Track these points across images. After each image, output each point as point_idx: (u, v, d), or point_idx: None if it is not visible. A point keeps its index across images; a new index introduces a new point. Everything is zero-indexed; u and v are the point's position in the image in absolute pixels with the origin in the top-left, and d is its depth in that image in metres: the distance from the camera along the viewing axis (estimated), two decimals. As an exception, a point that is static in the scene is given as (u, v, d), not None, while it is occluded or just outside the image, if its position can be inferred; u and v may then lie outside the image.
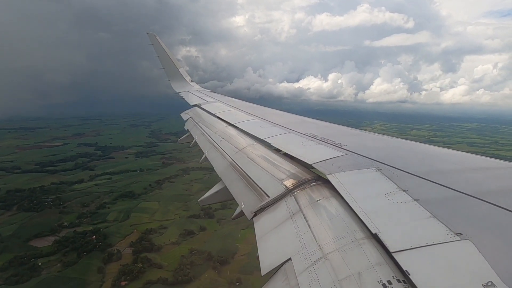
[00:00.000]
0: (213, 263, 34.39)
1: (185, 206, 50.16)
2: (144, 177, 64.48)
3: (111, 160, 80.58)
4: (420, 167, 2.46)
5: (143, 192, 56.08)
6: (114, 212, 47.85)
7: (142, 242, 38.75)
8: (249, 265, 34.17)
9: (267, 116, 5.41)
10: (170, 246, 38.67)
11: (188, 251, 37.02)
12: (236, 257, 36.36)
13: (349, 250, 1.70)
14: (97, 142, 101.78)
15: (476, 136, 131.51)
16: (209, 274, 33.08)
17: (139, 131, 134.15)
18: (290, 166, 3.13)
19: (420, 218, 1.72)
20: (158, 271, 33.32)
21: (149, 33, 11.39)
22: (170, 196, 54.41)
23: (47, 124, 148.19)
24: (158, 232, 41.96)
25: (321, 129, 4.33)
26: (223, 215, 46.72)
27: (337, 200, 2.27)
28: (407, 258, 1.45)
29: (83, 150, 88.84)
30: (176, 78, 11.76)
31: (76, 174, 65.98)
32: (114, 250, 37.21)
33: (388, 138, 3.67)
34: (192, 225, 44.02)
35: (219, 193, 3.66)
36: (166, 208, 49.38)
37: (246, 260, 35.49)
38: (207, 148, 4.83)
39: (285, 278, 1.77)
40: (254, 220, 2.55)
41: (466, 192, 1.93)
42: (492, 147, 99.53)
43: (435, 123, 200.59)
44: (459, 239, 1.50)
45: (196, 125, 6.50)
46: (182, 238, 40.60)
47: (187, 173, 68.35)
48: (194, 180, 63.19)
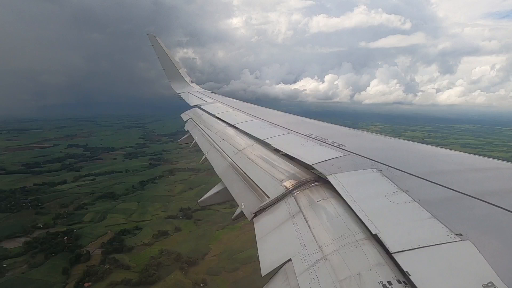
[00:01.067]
0: (181, 264, 34.24)
1: (164, 207, 50.04)
2: (129, 178, 64.26)
3: (98, 161, 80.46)
4: (420, 167, 2.47)
5: (125, 193, 55.76)
6: (91, 213, 47.33)
7: (113, 243, 38.50)
8: (217, 266, 34.28)
9: (267, 117, 5.43)
10: (141, 247, 38.52)
11: (158, 252, 36.81)
12: (206, 258, 36.37)
13: (349, 250, 1.70)
14: (87, 143, 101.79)
15: (470, 138, 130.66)
16: (175, 275, 32.84)
17: (131, 133, 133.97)
18: (290, 167, 3.13)
19: (420, 219, 1.73)
20: (125, 272, 33.04)
21: (149, 34, 11.42)
22: (150, 197, 54.30)
23: (40, 126, 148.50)
24: (132, 233, 41.76)
25: (321, 129, 4.34)
26: (201, 216, 46.88)
27: (337, 200, 2.27)
28: (407, 259, 1.45)
29: (72, 151, 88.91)
30: (176, 79, 11.75)
31: (61, 175, 65.51)
32: (83, 251, 36.50)
33: (388, 138, 3.70)
34: (168, 226, 43.77)
35: (219, 194, 3.65)
36: (144, 209, 49.25)
37: (215, 261, 35.51)
38: (207, 149, 4.82)
39: (285, 278, 1.76)
40: (254, 221, 2.54)
41: (466, 193, 1.93)
42: (486, 148, 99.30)
43: (431, 124, 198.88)
44: (459, 239, 1.50)
45: (196, 126, 6.50)
46: (155, 239, 40.42)
47: (172, 174, 68.36)
48: (178, 181, 63.12)
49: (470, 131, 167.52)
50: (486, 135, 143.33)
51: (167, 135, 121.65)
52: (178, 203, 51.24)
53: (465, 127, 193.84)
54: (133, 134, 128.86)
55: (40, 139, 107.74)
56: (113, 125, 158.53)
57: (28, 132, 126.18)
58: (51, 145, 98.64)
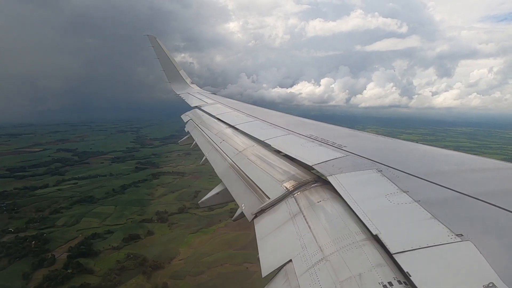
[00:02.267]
0: (145, 268, 34.01)
1: (141, 211, 49.94)
2: (112, 182, 64.00)
3: (85, 165, 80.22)
4: (420, 168, 2.47)
5: (104, 197, 55.49)
6: (66, 217, 46.89)
7: (81, 247, 38.16)
8: (183, 270, 34.04)
9: (267, 118, 5.44)
10: (109, 251, 38.18)
11: (125, 256, 36.52)
12: (173, 262, 36.07)
13: (350, 251, 1.69)
14: (77, 147, 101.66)
15: (466, 140, 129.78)
16: (137, 279, 32.62)
17: (125, 137, 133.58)
18: (290, 168, 3.13)
19: (421, 219, 1.73)
20: (87, 277, 32.71)
21: (149, 35, 11.37)
22: (129, 201, 54.09)
23: (34, 130, 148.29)
24: (103, 237, 41.42)
25: (321, 130, 4.34)
26: (177, 219, 46.65)
27: (337, 201, 2.27)
28: (408, 259, 1.45)
29: (60, 156, 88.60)
30: (176, 80, 11.74)
31: (44, 179, 65.07)
32: (48, 255, 36.04)
33: (389, 139, 3.70)
34: (140, 230, 43.57)
35: (220, 195, 3.65)
36: (120, 213, 48.96)
37: (182, 265, 35.25)
38: (208, 150, 4.81)
39: (286, 279, 1.75)
40: (255, 222, 2.53)
41: (467, 193, 1.93)
42: (479, 150, 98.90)
43: (428, 127, 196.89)
44: (460, 240, 1.49)
45: (196, 127, 6.50)
46: (125, 243, 40.16)
47: (156, 177, 68.39)
48: (161, 185, 63.06)
49: (466, 133, 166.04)
50: (482, 138, 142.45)
51: (160, 139, 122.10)
52: (155, 207, 51.06)
53: (462, 129, 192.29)
54: (125, 138, 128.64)
55: (31, 144, 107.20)
56: (108, 130, 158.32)
57: (21, 136, 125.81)
58: (41, 149, 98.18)
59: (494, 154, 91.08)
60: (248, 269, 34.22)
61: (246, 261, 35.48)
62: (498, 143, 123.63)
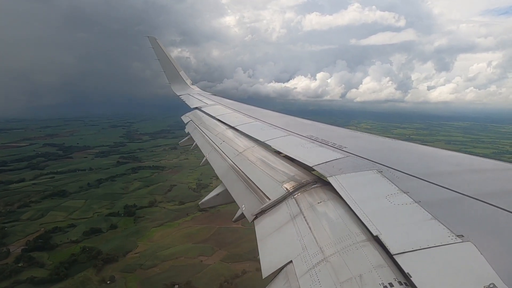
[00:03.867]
0: (98, 262, 34.09)
1: (111, 205, 49.98)
2: (89, 176, 64.09)
3: (68, 159, 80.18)
4: (421, 168, 2.47)
5: (77, 191, 55.59)
6: (33, 210, 46.84)
7: (39, 240, 38.03)
8: (135, 263, 34.10)
9: (268, 119, 5.45)
10: (67, 244, 38.35)
11: (80, 249, 36.64)
12: (129, 255, 36.22)
13: (350, 252, 1.69)
14: (64, 142, 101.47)
15: (459, 135, 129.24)
16: (86, 273, 32.72)
17: (115, 132, 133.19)
18: (290, 169, 3.13)
19: (421, 220, 1.73)
20: (38, 270, 32.73)
21: (149, 36, 11.39)
22: (101, 195, 54.14)
23: (26, 125, 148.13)
24: (64, 230, 41.49)
25: (321, 131, 4.35)
26: (145, 213, 46.79)
27: (338, 202, 2.27)
28: (409, 260, 1.45)
29: (45, 150, 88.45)
30: (176, 81, 11.72)
31: (22, 173, 64.83)
32: (3, 249, 36.11)
33: (389, 140, 3.69)
34: (104, 224, 43.57)
35: (220, 196, 3.64)
36: (89, 207, 49.09)
37: (136, 259, 35.32)
38: (208, 151, 4.80)
39: (286, 280, 1.75)
40: (255, 223, 2.53)
41: (468, 194, 1.93)
42: (470, 145, 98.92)
43: (424, 122, 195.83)
44: (460, 241, 1.50)
45: (196, 128, 6.49)
46: (86, 236, 40.31)
47: (135, 171, 68.57)
48: (138, 179, 63.39)
49: (462, 128, 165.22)
50: (477, 132, 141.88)
51: (150, 134, 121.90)
52: (126, 201, 51.16)
53: (458, 124, 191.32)
54: (115, 133, 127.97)
55: (19, 139, 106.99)
56: (100, 124, 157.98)
57: (11, 131, 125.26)
58: (27, 144, 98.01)
59: (485, 148, 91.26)
60: (203, 262, 34.51)
61: (202, 254, 35.79)
62: (491, 137, 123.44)
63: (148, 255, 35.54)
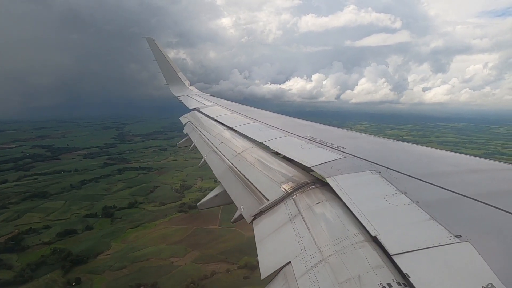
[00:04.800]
0: (66, 263, 33.84)
1: (90, 206, 49.74)
2: (73, 177, 63.85)
3: (56, 161, 79.83)
4: (419, 169, 2.48)
5: (59, 192, 55.19)
6: (10, 212, 46.44)
7: (10, 242, 37.68)
8: (105, 265, 33.78)
9: (266, 119, 5.46)
10: (39, 246, 37.88)
11: (51, 250, 36.19)
12: (100, 256, 35.90)
13: (349, 253, 1.69)
14: (54, 144, 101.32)
15: (453, 136, 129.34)
16: (53, 275, 32.31)
17: (107, 133, 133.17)
18: (289, 169, 3.13)
19: (420, 221, 1.73)
20: (3, 272, 32.29)
21: (147, 37, 11.35)
22: (82, 196, 53.91)
23: (19, 127, 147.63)
24: (38, 232, 41.05)
25: (319, 132, 4.36)
26: (123, 214, 46.51)
27: (336, 203, 2.27)
28: (407, 261, 1.45)
29: (34, 152, 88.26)
30: (175, 82, 11.69)
31: (6, 175, 64.51)
32: None
33: (387, 140, 3.71)
34: (80, 225, 43.33)
35: (218, 197, 3.63)
36: (67, 208, 48.77)
37: (106, 260, 35.02)
38: (206, 152, 4.80)
39: (285, 281, 1.74)
40: (254, 224, 2.53)
41: (465, 194, 1.94)
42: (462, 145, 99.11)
43: (420, 123, 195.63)
44: (458, 241, 1.50)
45: (195, 129, 6.49)
46: (59, 237, 39.87)
47: (120, 173, 68.36)
48: (122, 180, 63.19)
49: (457, 129, 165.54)
50: (471, 133, 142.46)
51: (142, 135, 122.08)
52: (107, 202, 50.91)
53: (454, 125, 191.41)
54: (108, 134, 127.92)
55: (10, 140, 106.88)
56: (93, 126, 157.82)
57: (3, 133, 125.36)
58: (17, 145, 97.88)
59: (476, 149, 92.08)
60: (173, 263, 34.21)
61: (174, 256, 35.45)
62: (485, 138, 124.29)
63: (119, 257, 35.25)
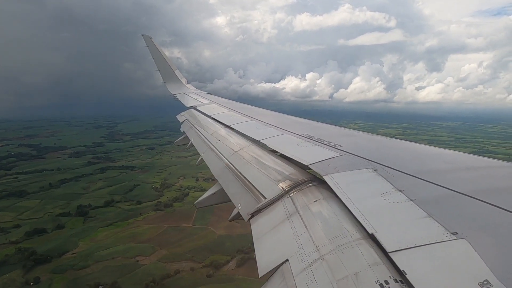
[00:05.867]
0: (29, 262, 33.53)
1: (66, 205, 49.35)
2: (54, 176, 63.31)
3: (40, 160, 79.10)
4: (415, 167, 2.48)
5: (36, 191, 54.71)
6: None
7: None
8: (69, 264, 33.60)
9: (263, 118, 5.43)
10: (5, 245, 37.59)
11: (15, 250, 35.95)
12: (65, 256, 35.63)
13: (346, 250, 1.69)
14: (41, 143, 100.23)
15: (445, 134, 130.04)
16: (13, 274, 32.04)
17: (97, 132, 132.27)
18: (286, 167, 3.12)
19: (416, 218, 1.74)
20: None
21: (144, 35, 11.20)
22: (59, 195, 53.45)
23: (8, 126, 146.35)
24: (6, 231, 40.74)
25: (317, 130, 4.34)
26: (97, 213, 46.23)
27: (333, 200, 2.27)
28: (404, 258, 1.45)
29: (19, 151, 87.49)
30: (171, 80, 11.58)
31: None
32: None
33: (384, 138, 3.71)
34: (51, 224, 42.83)
35: (216, 195, 3.62)
36: (42, 207, 48.27)
37: (70, 259, 34.77)
38: (203, 150, 4.77)
39: (283, 279, 1.74)
40: (251, 222, 2.52)
41: (462, 192, 1.95)
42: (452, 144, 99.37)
43: (414, 122, 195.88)
44: (455, 238, 1.51)
45: (192, 127, 6.44)
46: (27, 237, 39.44)
47: (103, 171, 67.94)
48: (103, 179, 62.80)
49: (450, 128, 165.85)
50: (464, 132, 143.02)
51: (132, 134, 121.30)
52: (83, 201, 50.61)
53: (447, 124, 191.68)
54: (97, 133, 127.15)
55: None
56: (84, 125, 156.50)
57: None
58: (3, 145, 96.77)
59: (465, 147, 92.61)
60: (138, 262, 34.11)
61: (140, 254, 35.33)
62: (476, 137, 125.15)
63: (84, 256, 35.06)
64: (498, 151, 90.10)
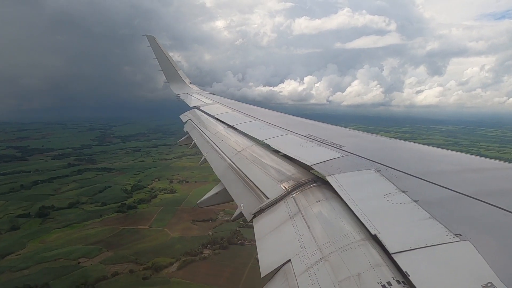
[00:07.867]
0: None
1: (30, 206, 48.77)
2: (28, 178, 63.00)
3: (23, 161, 79.02)
4: (419, 168, 2.47)
5: (6, 192, 54.34)
6: None
7: None
8: (8, 266, 32.86)
9: (266, 118, 5.43)
10: None
11: None
12: (8, 257, 34.81)
13: (349, 251, 1.69)
14: (29, 145, 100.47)
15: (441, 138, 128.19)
16: None
17: (89, 135, 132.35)
18: (289, 168, 3.13)
19: (420, 219, 1.73)
20: None
21: (148, 35, 11.28)
22: (26, 196, 52.90)
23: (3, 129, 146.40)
24: None
25: (320, 130, 4.36)
26: (58, 214, 45.62)
27: (336, 201, 2.26)
28: (407, 259, 1.45)
29: (4, 153, 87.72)
30: (175, 80, 11.63)
31: None
32: None
33: (387, 139, 3.71)
34: (6, 225, 42.18)
35: (219, 195, 3.64)
36: (4, 208, 47.79)
37: (12, 261, 34.01)
38: (206, 150, 4.79)
39: (285, 279, 1.74)
40: (254, 222, 2.53)
41: (465, 193, 1.94)
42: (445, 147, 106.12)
43: (412, 126, 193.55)
44: (458, 240, 1.50)
45: (195, 127, 6.48)
46: None
47: (80, 173, 67.74)
48: (77, 181, 62.48)
49: (448, 131, 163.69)
50: (461, 136, 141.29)
51: (123, 137, 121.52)
52: (48, 202, 50.09)
53: (446, 128, 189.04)
54: (89, 136, 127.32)
55: None
56: (79, 128, 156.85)
57: None
58: None
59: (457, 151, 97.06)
60: (80, 263, 33.60)
61: (85, 256, 34.83)
62: (472, 140, 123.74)
63: (27, 257, 34.42)
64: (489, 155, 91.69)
